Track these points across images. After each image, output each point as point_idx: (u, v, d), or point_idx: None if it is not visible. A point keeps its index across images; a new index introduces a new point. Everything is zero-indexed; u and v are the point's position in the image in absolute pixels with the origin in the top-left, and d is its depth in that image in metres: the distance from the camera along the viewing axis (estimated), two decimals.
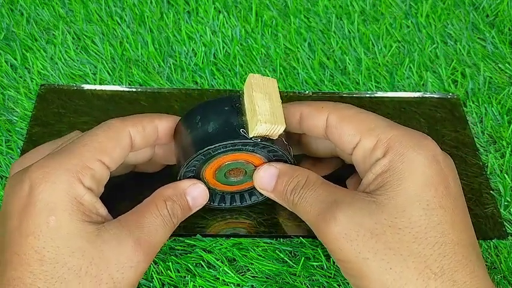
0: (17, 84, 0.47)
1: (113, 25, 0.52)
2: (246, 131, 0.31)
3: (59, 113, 0.44)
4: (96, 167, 0.30)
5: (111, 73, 0.48)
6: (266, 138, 0.32)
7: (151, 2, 0.54)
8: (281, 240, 0.38)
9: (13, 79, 0.47)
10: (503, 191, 0.41)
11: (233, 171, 0.35)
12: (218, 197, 0.37)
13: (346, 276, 0.31)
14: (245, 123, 0.31)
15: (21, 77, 0.47)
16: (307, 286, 0.36)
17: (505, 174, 0.42)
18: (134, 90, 0.46)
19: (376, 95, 0.47)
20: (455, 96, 0.47)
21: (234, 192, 0.37)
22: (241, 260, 0.37)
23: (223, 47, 0.50)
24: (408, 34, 0.53)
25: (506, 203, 0.40)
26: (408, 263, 0.28)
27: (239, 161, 0.33)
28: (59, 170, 0.29)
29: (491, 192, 0.41)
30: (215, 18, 0.53)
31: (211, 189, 0.36)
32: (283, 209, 0.39)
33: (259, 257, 0.37)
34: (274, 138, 0.32)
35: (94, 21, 0.52)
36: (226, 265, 0.36)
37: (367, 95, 0.47)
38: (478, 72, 0.49)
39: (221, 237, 0.38)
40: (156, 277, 0.35)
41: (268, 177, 0.34)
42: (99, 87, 0.46)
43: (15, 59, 0.48)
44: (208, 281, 0.35)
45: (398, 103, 0.46)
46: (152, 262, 0.34)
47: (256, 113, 0.30)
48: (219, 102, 0.32)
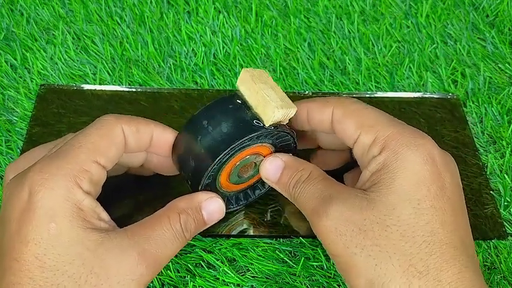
0: (17, 84, 0.47)
1: (113, 25, 0.52)
2: (261, 122, 0.31)
3: (58, 113, 0.44)
4: (93, 169, 0.30)
5: (111, 73, 0.48)
6: (279, 124, 0.32)
7: (151, 2, 0.54)
8: (281, 240, 0.38)
9: (13, 79, 0.47)
10: (503, 191, 0.41)
11: (244, 168, 0.35)
12: (225, 199, 0.37)
13: (339, 271, 0.31)
14: (256, 115, 0.32)
15: (21, 77, 0.47)
16: (307, 286, 0.36)
17: (505, 174, 0.42)
18: (134, 90, 0.46)
19: (376, 95, 0.47)
20: (455, 97, 0.47)
21: (239, 192, 0.37)
22: (241, 260, 0.37)
23: (223, 47, 0.50)
24: (408, 34, 0.53)
25: (506, 203, 0.40)
26: (393, 260, 0.28)
27: (251, 155, 0.34)
28: (57, 175, 0.29)
29: (491, 192, 0.41)
30: (215, 18, 0.53)
31: (222, 194, 0.36)
32: (283, 209, 0.39)
33: (259, 257, 0.37)
34: (285, 123, 0.33)
35: (94, 21, 0.52)
36: (226, 265, 0.36)
37: (367, 95, 0.47)
38: (478, 72, 0.49)
39: (221, 237, 0.38)
40: (156, 277, 0.35)
41: (274, 169, 0.34)
42: (99, 87, 0.46)
43: (15, 59, 0.48)
44: (208, 281, 0.35)
45: (398, 103, 0.46)
46: None
47: (268, 102, 0.31)
48: (221, 103, 0.32)
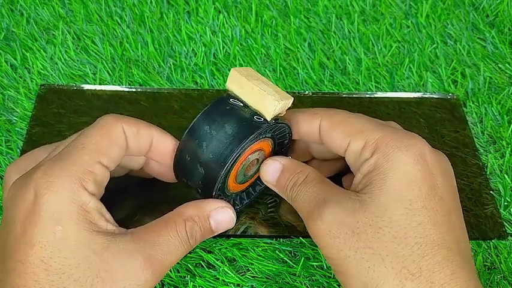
0: (17, 84, 0.47)
1: (113, 25, 0.52)
2: (262, 117, 0.32)
3: (58, 113, 0.44)
4: (97, 169, 0.30)
5: (111, 73, 0.48)
6: (278, 117, 0.32)
7: (151, 2, 0.54)
8: (281, 240, 0.38)
9: (13, 79, 0.47)
10: (503, 191, 0.41)
11: (249, 166, 0.35)
12: (231, 202, 0.37)
13: (335, 274, 0.32)
14: (254, 111, 0.32)
15: (21, 77, 0.47)
16: (307, 286, 0.36)
17: (505, 174, 0.42)
18: (134, 90, 0.46)
19: (376, 95, 0.47)
20: (455, 97, 0.47)
21: (243, 191, 0.37)
22: (241, 260, 0.37)
23: (223, 47, 0.50)
24: (408, 34, 0.53)
25: (506, 203, 0.40)
26: (386, 262, 0.28)
27: (255, 152, 0.34)
28: (62, 177, 0.29)
29: (491, 192, 0.41)
30: (215, 18, 0.53)
31: (230, 197, 0.35)
32: (282, 209, 0.39)
33: (259, 257, 0.37)
34: (283, 115, 0.33)
35: (94, 21, 0.52)
36: (226, 265, 0.36)
37: (367, 95, 0.47)
38: (478, 72, 0.49)
39: (221, 237, 0.38)
40: None
41: (273, 172, 0.34)
42: (99, 87, 0.46)
43: (15, 59, 0.48)
44: (208, 281, 0.35)
45: (398, 103, 0.46)
46: None
47: (266, 96, 0.31)
48: (217, 106, 0.32)
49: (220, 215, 0.33)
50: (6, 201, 0.30)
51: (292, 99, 0.32)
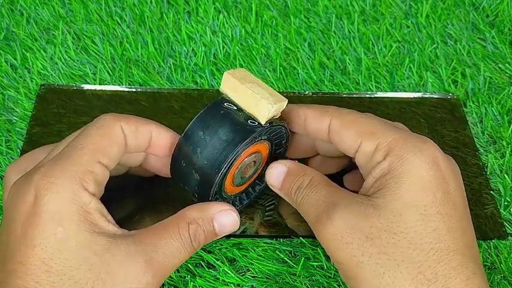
0: (17, 84, 0.47)
1: (113, 25, 0.52)
2: (256, 121, 0.31)
3: (58, 113, 0.44)
4: (97, 169, 0.30)
5: (111, 73, 0.48)
6: (273, 119, 0.32)
7: (151, 2, 0.54)
8: (281, 240, 0.38)
9: (13, 79, 0.47)
10: (503, 191, 0.41)
11: (245, 168, 0.34)
12: (231, 203, 0.36)
13: (343, 278, 0.31)
14: (249, 115, 0.32)
15: (21, 77, 0.47)
16: (307, 286, 0.36)
17: (505, 174, 0.42)
18: (134, 90, 0.46)
19: (376, 95, 0.47)
20: (455, 97, 0.47)
21: (242, 192, 0.37)
22: (241, 260, 0.37)
23: (223, 47, 0.50)
24: (408, 34, 0.53)
25: (506, 203, 0.40)
26: (401, 268, 0.28)
27: (251, 154, 0.33)
28: (62, 178, 0.28)
29: (491, 192, 0.41)
30: (215, 18, 0.53)
31: (228, 199, 0.35)
32: (283, 209, 0.39)
33: (259, 257, 0.37)
34: (277, 117, 0.33)
35: (94, 21, 0.52)
36: (226, 265, 0.36)
37: (367, 95, 0.47)
38: (478, 72, 0.49)
39: (221, 238, 0.37)
40: None
41: (277, 175, 0.34)
42: (99, 87, 0.46)
43: (15, 59, 0.48)
44: (208, 281, 0.35)
45: (398, 103, 0.46)
46: None
47: (260, 100, 0.31)
48: (211, 111, 0.32)
49: (224, 218, 0.32)
50: (6, 202, 0.30)
51: (287, 101, 0.32)
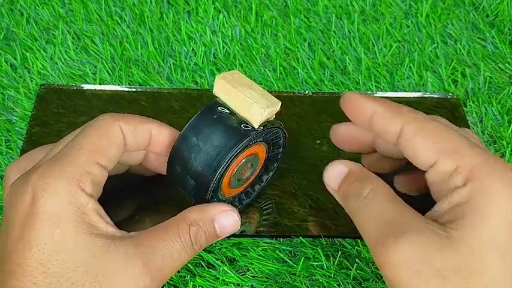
0: (16, 84, 0.47)
1: (112, 25, 0.52)
2: (249, 125, 0.31)
3: (58, 113, 0.44)
4: (95, 170, 0.30)
5: (111, 73, 0.48)
6: (267, 122, 0.32)
7: (151, 2, 0.54)
8: (281, 240, 0.38)
9: (13, 79, 0.47)
10: None
11: (242, 170, 0.34)
12: (229, 204, 0.37)
13: None
14: (242, 119, 0.31)
15: (21, 77, 0.47)
16: (307, 286, 0.36)
17: None
18: (134, 90, 0.46)
19: (376, 95, 0.47)
20: (455, 96, 0.47)
21: (240, 193, 0.37)
22: (241, 259, 0.37)
23: (223, 47, 0.50)
24: (408, 34, 0.53)
25: None
26: None
27: (247, 157, 0.33)
28: (59, 179, 0.28)
29: None
30: (215, 18, 0.53)
31: (226, 201, 0.35)
32: (283, 209, 0.39)
33: (259, 257, 0.37)
34: (272, 119, 0.32)
35: (94, 21, 0.52)
36: (226, 265, 0.36)
37: None
38: (478, 72, 0.49)
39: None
40: None
41: (336, 176, 0.32)
42: (99, 87, 0.46)
43: (15, 59, 0.48)
44: (208, 281, 0.35)
45: (398, 103, 0.46)
46: None
47: (252, 104, 0.30)
48: (204, 116, 0.32)
49: (225, 219, 0.32)
50: (5, 202, 0.30)
51: (280, 103, 0.32)
